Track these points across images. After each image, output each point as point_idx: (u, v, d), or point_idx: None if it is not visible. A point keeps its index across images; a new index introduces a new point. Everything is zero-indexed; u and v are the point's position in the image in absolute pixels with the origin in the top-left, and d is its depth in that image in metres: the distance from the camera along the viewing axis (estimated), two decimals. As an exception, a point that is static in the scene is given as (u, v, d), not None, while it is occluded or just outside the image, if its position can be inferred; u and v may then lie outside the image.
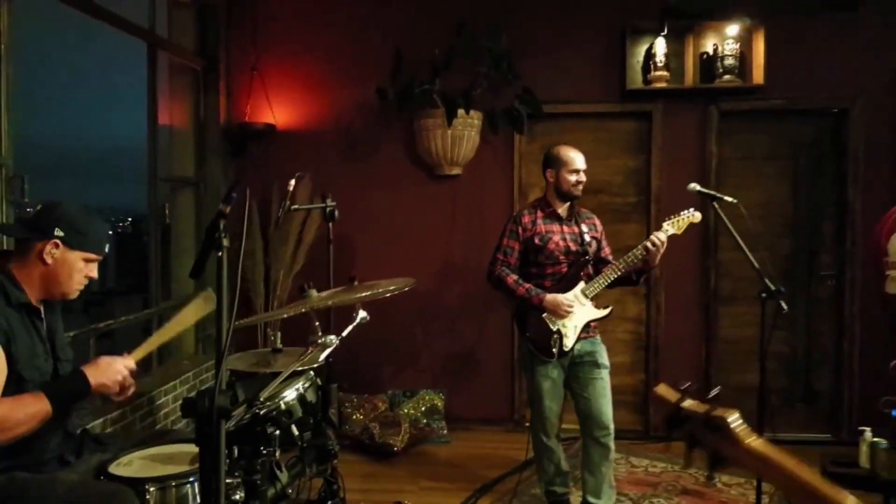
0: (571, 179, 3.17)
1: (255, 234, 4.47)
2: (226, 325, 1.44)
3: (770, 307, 2.75)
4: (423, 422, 4.44)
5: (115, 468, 2.00)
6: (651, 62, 4.33)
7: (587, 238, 3.22)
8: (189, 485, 1.94)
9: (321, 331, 2.48)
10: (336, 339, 2.41)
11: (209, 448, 1.45)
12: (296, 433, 2.15)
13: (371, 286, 2.67)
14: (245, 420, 2.04)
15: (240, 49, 4.60)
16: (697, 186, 3.04)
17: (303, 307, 2.48)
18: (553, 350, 3.10)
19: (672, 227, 3.10)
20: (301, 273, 4.48)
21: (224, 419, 1.44)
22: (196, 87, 4.51)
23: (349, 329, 2.52)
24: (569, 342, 3.11)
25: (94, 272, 2.05)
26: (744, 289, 4.39)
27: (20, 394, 1.85)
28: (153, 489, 1.91)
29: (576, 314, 3.11)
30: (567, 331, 3.11)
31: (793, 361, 4.52)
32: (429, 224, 4.61)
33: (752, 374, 4.16)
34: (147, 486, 1.90)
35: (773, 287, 2.74)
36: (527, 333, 3.17)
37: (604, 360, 3.19)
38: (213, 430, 1.42)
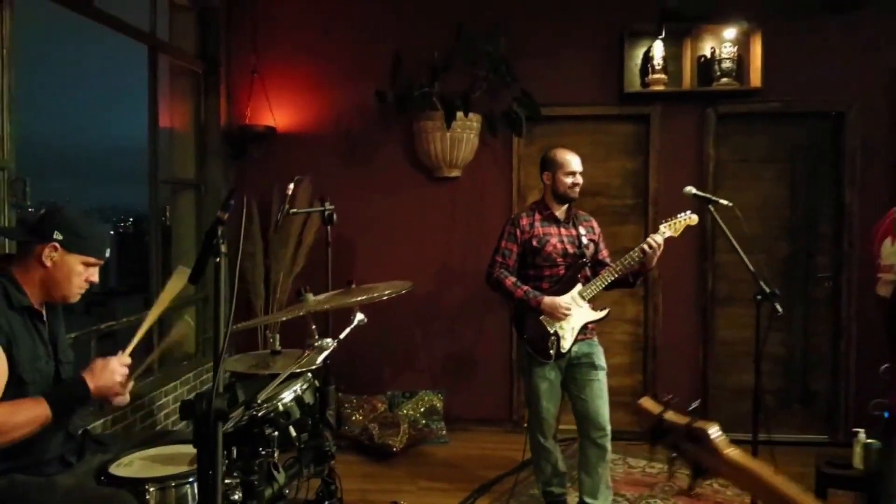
0: (568, 182, 3.19)
1: (256, 237, 4.49)
2: (223, 331, 1.47)
3: (765, 309, 2.78)
4: (422, 422, 4.46)
5: (116, 468, 2.03)
6: (649, 65, 4.35)
7: (585, 240, 3.24)
8: (189, 485, 1.97)
9: (318, 334, 2.51)
10: (333, 343, 2.44)
11: (207, 449, 1.48)
12: (293, 434, 2.17)
13: (368, 290, 2.69)
14: (243, 421, 2.07)
15: (240, 52, 4.62)
16: (693, 190, 3.06)
17: (299, 311, 2.50)
18: (550, 352, 3.12)
19: (669, 230, 3.12)
20: (301, 275, 4.50)
21: (221, 421, 1.47)
22: (197, 90, 4.53)
23: (346, 332, 2.54)
24: (566, 344, 3.14)
25: (95, 276, 2.07)
26: (741, 291, 4.41)
27: (21, 397, 1.87)
28: (153, 489, 1.94)
29: (573, 316, 3.13)
30: (564, 332, 3.13)
31: (790, 363, 4.53)
32: (428, 226, 4.63)
33: (750, 376, 4.10)
34: (147, 487, 1.93)
35: (768, 289, 2.77)
36: (524, 335, 3.19)
37: (601, 362, 3.21)
38: (211, 432, 1.45)
